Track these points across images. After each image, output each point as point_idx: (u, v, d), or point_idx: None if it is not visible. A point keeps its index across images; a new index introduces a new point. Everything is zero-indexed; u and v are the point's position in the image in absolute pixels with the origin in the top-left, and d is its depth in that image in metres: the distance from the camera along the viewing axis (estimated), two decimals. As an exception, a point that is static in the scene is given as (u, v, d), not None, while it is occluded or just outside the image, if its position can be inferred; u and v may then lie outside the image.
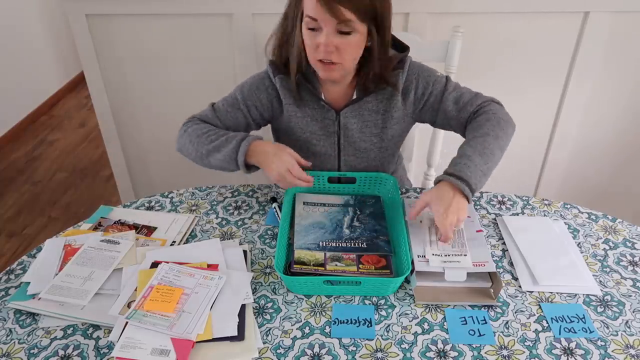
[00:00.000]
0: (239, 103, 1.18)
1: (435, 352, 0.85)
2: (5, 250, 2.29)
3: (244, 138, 1.09)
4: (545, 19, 1.67)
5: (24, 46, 3.27)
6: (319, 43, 1.02)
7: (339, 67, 1.06)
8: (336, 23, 0.99)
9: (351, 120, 1.16)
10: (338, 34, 1.01)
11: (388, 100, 1.15)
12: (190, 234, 1.11)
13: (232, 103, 1.19)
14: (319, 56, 1.04)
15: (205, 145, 1.12)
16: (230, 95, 1.20)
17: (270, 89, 1.17)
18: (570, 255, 1.03)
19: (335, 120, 1.17)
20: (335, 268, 0.97)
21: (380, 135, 1.19)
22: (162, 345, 0.83)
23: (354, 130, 1.18)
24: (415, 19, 1.65)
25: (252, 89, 1.18)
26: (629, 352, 0.85)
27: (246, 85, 1.19)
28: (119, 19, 1.72)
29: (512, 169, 2.01)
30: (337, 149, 1.21)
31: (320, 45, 1.01)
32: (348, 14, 0.97)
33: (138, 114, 1.92)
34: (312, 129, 1.19)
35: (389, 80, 1.12)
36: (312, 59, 1.07)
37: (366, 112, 1.17)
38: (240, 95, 1.18)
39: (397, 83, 1.13)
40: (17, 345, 0.87)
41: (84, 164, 2.92)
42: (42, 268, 0.99)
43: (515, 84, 1.80)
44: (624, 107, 1.86)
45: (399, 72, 1.13)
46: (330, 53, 1.02)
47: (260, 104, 1.19)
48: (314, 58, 1.06)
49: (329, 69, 1.06)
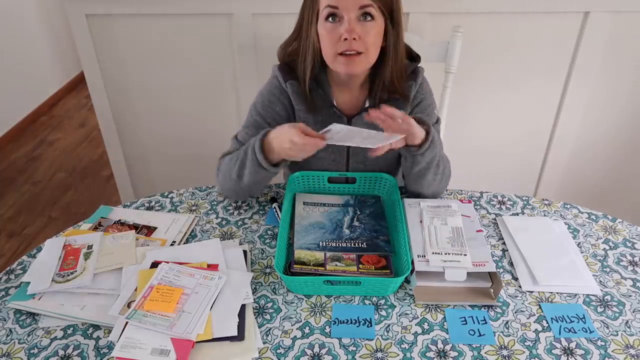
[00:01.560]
0: (260, 123, 1.16)
1: (435, 352, 0.85)
2: (5, 250, 2.29)
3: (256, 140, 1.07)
4: (545, 19, 1.67)
5: (24, 46, 3.27)
6: (340, 33, 1.00)
7: (362, 59, 1.04)
8: (357, 8, 0.99)
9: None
10: (359, 21, 1.00)
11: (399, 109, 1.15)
12: (190, 234, 1.11)
13: (253, 126, 1.17)
14: (340, 49, 1.02)
15: (234, 170, 1.10)
16: (247, 120, 1.19)
17: (283, 97, 1.16)
18: (570, 255, 1.03)
19: None
20: (335, 268, 0.97)
21: None
22: (162, 345, 0.83)
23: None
24: (415, 19, 1.65)
25: (266, 105, 1.16)
26: (629, 352, 0.85)
27: (259, 103, 1.17)
28: (119, 19, 1.72)
29: (512, 169, 2.01)
30: (346, 156, 1.21)
31: (343, 34, 1.00)
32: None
33: (138, 114, 1.92)
34: None
35: (402, 91, 1.12)
36: (331, 55, 1.05)
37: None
38: (257, 115, 1.17)
39: (409, 94, 1.13)
40: (17, 345, 0.87)
41: (84, 164, 2.92)
42: (42, 268, 0.99)
43: (515, 84, 1.80)
44: (624, 107, 1.86)
45: (412, 83, 1.14)
46: (354, 41, 1.01)
47: (279, 116, 1.17)
48: (335, 52, 1.04)
49: (352, 62, 1.04)
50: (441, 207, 1.10)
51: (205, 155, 1.94)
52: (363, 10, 1.00)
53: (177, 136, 1.97)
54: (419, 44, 1.41)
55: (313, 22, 1.05)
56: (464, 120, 1.86)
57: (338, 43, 1.02)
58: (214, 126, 1.92)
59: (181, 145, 1.99)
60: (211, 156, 1.26)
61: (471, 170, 1.95)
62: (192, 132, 1.96)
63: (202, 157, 1.98)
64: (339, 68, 1.06)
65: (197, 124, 1.94)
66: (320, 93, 1.14)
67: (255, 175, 1.09)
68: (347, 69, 1.06)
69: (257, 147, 1.05)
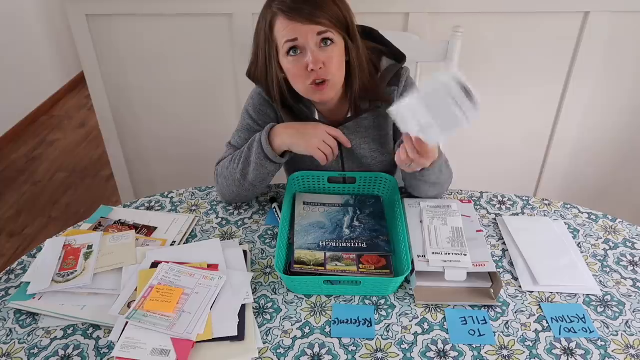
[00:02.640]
0: (252, 126, 1.17)
1: (435, 352, 0.85)
2: (5, 250, 2.29)
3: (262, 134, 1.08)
4: (545, 19, 1.67)
5: (24, 46, 3.27)
6: (306, 64, 1.00)
7: (331, 85, 1.04)
8: (317, 33, 0.98)
9: (349, 137, 1.15)
10: (320, 48, 1.00)
11: (384, 116, 1.15)
12: (190, 234, 1.11)
13: (246, 130, 1.17)
14: (309, 80, 1.02)
15: (236, 170, 1.11)
16: (240, 124, 1.19)
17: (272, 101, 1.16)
18: (570, 255, 1.03)
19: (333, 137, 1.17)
20: (335, 268, 0.97)
21: (380, 150, 1.19)
22: (162, 345, 0.83)
23: (354, 146, 1.17)
24: (415, 19, 1.65)
25: (257, 108, 1.17)
26: (629, 352, 0.85)
27: (250, 107, 1.18)
28: (119, 19, 1.72)
29: (512, 169, 2.01)
30: (341, 162, 1.21)
31: (309, 64, 0.99)
32: (324, 20, 0.97)
33: (138, 114, 1.93)
34: None
35: (382, 97, 1.12)
36: (303, 88, 1.05)
37: (363, 129, 1.17)
38: (249, 119, 1.17)
39: (392, 99, 1.12)
40: (17, 345, 0.87)
41: (84, 164, 2.92)
42: (42, 268, 0.99)
43: (515, 84, 1.80)
44: (624, 107, 1.86)
45: (394, 89, 1.13)
46: (320, 70, 1.00)
47: (270, 119, 1.17)
48: (305, 84, 1.04)
49: (322, 91, 1.04)
50: (441, 207, 1.10)
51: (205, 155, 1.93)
52: (322, 37, 0.99)
53: (177, 136, 1.97)
54: (419, 44, 1.41)
55: (273, 57, 1.04)
56: (464, 120, 1.86)
57: (305, 74, 1.02)
58: (214, 126, 1.92)
59: (181, 145, 1.99)
60: (211, 156, 1.26)
61: (471, 170, 1.94)
62: (192, 132, 1.96)
63: (202, 157, 1.97)
64: (314, 98, 1.08)
65: (197, 124, 1.94)
66: (302, 108, 1.14)
67: (261, 169, 1.09)
68: (320, 98, 1.07)
69: (264, 138, 1.06)
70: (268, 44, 1.04)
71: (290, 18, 0.97)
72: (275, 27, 1.00)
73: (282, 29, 0.99)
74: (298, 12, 0.97)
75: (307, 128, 1.08)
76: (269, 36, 1.02)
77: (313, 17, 0.97)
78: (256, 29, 1.06)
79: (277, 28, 1.00)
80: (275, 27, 1.00)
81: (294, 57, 1.01)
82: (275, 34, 1.01)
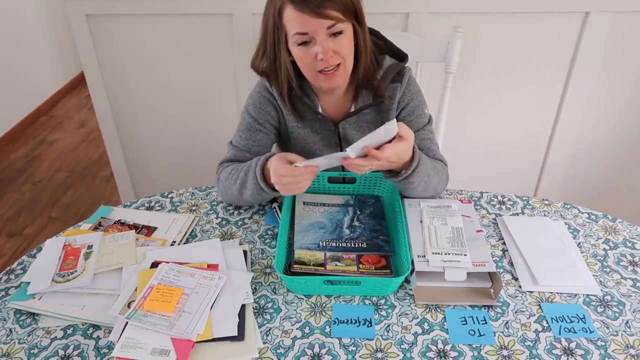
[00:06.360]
0: (253, 125, 1.17)
1: (435, 352, 0.85)
2: (5, 250, 2.29)
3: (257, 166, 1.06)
4: (545, 19, 1.67)
5: (24, 46, 3.27)
6: (315, 53, 1.00)
7: (342, 69, 1.05)
8: (326, 27, 0.98)
9: (350, 132, 1.15)
10: (329, 38, 1.00)
11: (385, 112, 1.15)
12: (190, 234, 1.11)
13: (247, 129, 1.17)
14: (318, 67, 1.03)
15: (234, 187, 1.11)
16: (241, 124, 1.19)
17: (272, 98, 1.16)
18: (570, 255, 1.03)
19: (334, 132, 1.17)
20: (335, 268, 0.97)
21: None
22: (162, 345, 0.83)
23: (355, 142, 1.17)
24: (415, 19, 1.65)
25: (257, 107, 1.16)
26: (629, 352, 0.85)
27: (250, 106, 1.17)
28: (119, 19, 1.72)
29: (512, 169, 2.01)
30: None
31: (318, 53, 1.00)
32: (334, 13, 0.97)
33: (138, 114, 1.93)
34: (314, 139, 1.19)
35: (383, 94, 1.12)
36: (310, 74, 1.06)
37: (365, 124, 1.17)
38: (250, 118, 1.17)
39: (394, 96, 1.13)
40: (17, 345, 0.87)
41: (84, 164, 2.92)
42: (42, 268, 0.99)
43: (515, 84, 1.80)
44: (624, 107, 1.86)
45: (397, 85, 1.13)
46: (330, 58, 1.01)
47: (271, 117, 1.17)
48: (313, 71, 1.04)
49: (332, 77, 1.04)
50: (441, 207, 1.10)
51: (206, 154, 1.94)
52: (331, 30, 0.99)
53: (177, 136, 1.97)
54: (419, 44, 1.41)
55: (282, 45, 1.04)
56: (464, 120, 1.86)
57: (315, 62, 1.02)
58: (214, 126, 1.92)
59: (181, 145, 1.99)
60: (211, 156, 1.26)
61: (471, 170, 1.95)
62: (192, 132, 1.96)
63: (202, 157, 1.98)
64: (321, 84, 1.07)
65: (197, 124, 1.94)
66: (305, 100, 1.14)
67: (257, 196, 1.10)
68: (329, 84, 1.06)
69: (259, 173, 1.05)
70: (277, 29, 1.03)
71: (299, 9, 0.97)
72: (284, 15, 1.00)
73: (291, 19, 0.99)
74: (306, 3, 0.96)
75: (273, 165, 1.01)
76: (278, 22, 1.02)
77: (321, 8, 0.96)
78: (264, 13, 1.05)
79: (285, 16, 1.00)
80: (284, 15, 1.00)
81: (304, 47, 1.02)
82: (284, 22, 1.01)
